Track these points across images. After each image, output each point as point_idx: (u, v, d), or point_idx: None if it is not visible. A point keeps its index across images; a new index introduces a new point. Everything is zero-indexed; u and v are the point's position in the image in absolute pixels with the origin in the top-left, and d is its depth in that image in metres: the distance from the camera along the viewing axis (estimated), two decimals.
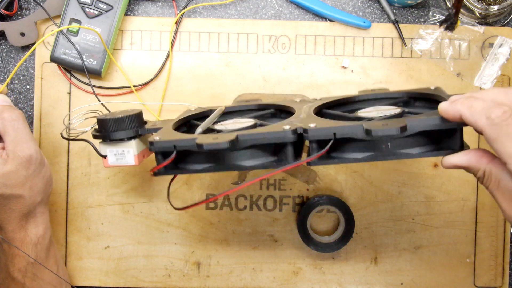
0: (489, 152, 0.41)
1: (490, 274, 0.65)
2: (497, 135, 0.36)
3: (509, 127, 0.36)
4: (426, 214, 0.65)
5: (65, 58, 0.62)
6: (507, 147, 0.36)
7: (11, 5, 0.65)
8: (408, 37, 0.65)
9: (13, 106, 0.55)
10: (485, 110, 0.37)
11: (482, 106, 0.38)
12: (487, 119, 0.37)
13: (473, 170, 0.41)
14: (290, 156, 0.46)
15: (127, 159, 0.52)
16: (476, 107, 0.38)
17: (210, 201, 0.49)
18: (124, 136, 0.51)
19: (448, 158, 0.42)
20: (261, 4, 0.66)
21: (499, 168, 0.39)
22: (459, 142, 0.43)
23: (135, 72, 0.65)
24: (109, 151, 0.52)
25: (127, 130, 0.51)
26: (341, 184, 0.65)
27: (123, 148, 0.52)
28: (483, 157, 0.40)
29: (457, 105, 0.39)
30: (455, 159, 0.42)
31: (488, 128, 0.37)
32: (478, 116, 0.38)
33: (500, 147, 0.36)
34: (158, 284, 0.65)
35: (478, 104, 0.38)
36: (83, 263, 0.65)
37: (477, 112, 0.38)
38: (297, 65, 0.65)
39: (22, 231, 0.54)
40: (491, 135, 0.37)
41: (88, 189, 0.65)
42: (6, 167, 0.51)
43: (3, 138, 0.53)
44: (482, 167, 0.40)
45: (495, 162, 0.40)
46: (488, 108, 0.37)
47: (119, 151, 0.52)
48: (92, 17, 0.62)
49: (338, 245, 0.63)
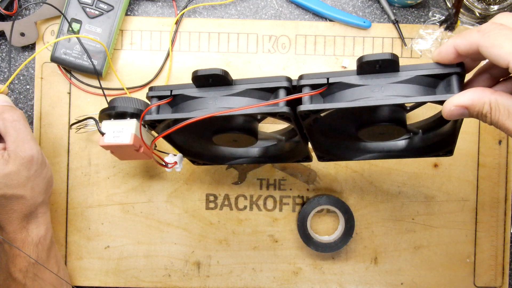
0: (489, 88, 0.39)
1: (490, 274, 0.65)
2: (492, 40, 0.36)
3: (502, 30, 0.36)
4: (426, 214, 0.65)
5: (66, 58, 0.62)
6: (506, 47, 0.35)
7: (11, 5, 0.65)
8: (408, 37, 0.65)
9: (14, 107, 0.55)
10: (476, 28, 0.38)
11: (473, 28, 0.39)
12: (479, 32, 0.37)
13: (477, 106, 0.38)
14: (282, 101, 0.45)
15: (123, 137, 0.52)
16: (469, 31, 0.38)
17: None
18: (128, 110, 0.53)
19: (449, 101, 0.39)
20: (261, 4, 0.66)
21: (505, 96, 0.37)
22: (458, 87, 0.41)
23: (135, 72, 0.65)
24: (109, 128, 0.53)
25: (132, 106, 0.53)
26: (341, 184, 0.65)
27: (123, 126, 0.53)
28: (485, 91, 0.38)
29: (448, 41, 0.40)
30: (456, 100, 0.38)
31: (482, 38, 0.36)
32: (469, 35, 0.38)
33: (498, 50, 0.35)
34: (158, 284, 0.65)
35: (469, 30, 0.39)
36: (83, 263, 0.65)
37: (468, 32, 0.38)
38: (297, 65, 0.65)
39: (23, 231, 0.54)
40: (486, 42, 0.36)
41: (88, 189, 0.65)
42: (7, 168, 0.51)
43: (4, 138, 0.53)
44: (487, 99, 0.37)
45: (499, 92, 0.37)
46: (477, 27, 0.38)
47: (118, 128, 0.53)
48: (93, 17, 0.62)
49: (338, 245, 0.63)
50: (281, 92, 0.45)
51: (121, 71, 0.65)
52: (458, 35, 0.39)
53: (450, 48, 0.39)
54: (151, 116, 0.48)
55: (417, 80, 0.42)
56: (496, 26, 0.36)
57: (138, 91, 0.65)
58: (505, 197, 0.65)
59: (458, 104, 0.38)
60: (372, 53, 0.41)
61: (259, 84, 0.45)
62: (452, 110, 0.38)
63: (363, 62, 0.42)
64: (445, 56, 0.40)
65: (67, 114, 0.65)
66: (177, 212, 0.65)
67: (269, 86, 0.45)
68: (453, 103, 0.38)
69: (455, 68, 0.41)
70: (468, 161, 0.65)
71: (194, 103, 0.47)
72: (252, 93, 0.46)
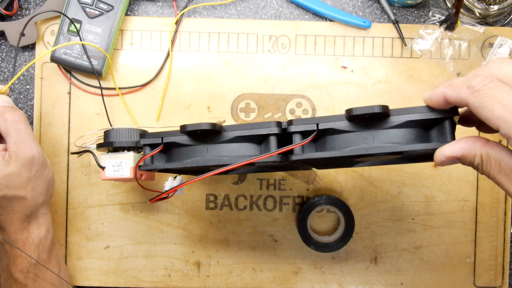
0: (481, 137, 0.38)
1: (490, 274, 0.65)
2: (481, 101, 0.34)
3: (492, 90, 0.34)
4: (426, 214, 0.65)
5: (66, 58, 0.62)
6: (495, 110, 0.33)
7: (11, 5, 0.65)
8: (408, 37, 0.65)
9: (15, 107, 0.55)
10: (465, 81, 0.36)
11: (461, 79, 0.37)
12: (468, 88, 0.35)
13: (469, 158, 0.37)
14: (273, 148, 0.45)
15: (123, 171, 0.54)
16: (457, 82, 0.37)
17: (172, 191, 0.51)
18: (124, 145, 0.54)
19: (440, 151, 0.38)
20: (261, 4, 0.66)
21: (497, 148, 0.36)
22: (450, 133, 0.40)
23: (135, 72, 0.65)
24: (108, 162, 0.55)
25: (127, 140, 0.55)
26: (341, 184, 0.65)
27: (121, 160, 0.54)
28: (476, 142, 0.37)
29: (438, 88, 0.38)
30: (447, 150, 0.38)
31: (471, 97, 0.35)
32: (459, 89, 0.36)
33: (487, 113, 0.34)
34: (158, 284, 0.65)
35: (458, 79, 0.37)
36: (83, 263, 0.65)
37: (458, 85, 0.36)
38: (297, 65, 0.65)
39: (24, 232, 0.54)
40: (475, 103, 0.35)
41: (88, 189, 0.65)
42: (8, 169, 0.51)
43: (5, 139, 0.53)
44: (478, 152, 0.37)
45: (490, 144, 0.36)
46: (467, 79, 0.36)
47: (117, 163, 0.54)
48: (93, 17, 0.62)
49: (338, 245, 0.63)
50: (272, 140, 0.45)
51: (121, 71, 0.65)
52: (448, 83, 0.37)
53: (440, 96, 0.38)
54: (147, 167, 0.49)
55: (409, 124, 0.41)
56: (487, 83, 0.34)
57: (138, 91, 0.65)
58: (505, 197, 0.65)
59: (449, 156, 0.38)
60: (360, 107, 0.40)
61: (249, 131, 0.45)
62: (443, 160, 0.38)
63: (351, 115, 0.41)
64: (436, 102, 0.39)
65: (67, 114, 0.65)
66: (177, 212, 0.65)
67: (259, 133, 0.45)
68: (444, 154, 0.38)
69: (448, 113, 0.40)
70: None
71: (187, 151, 0.48)
72: (243, 139, 0.46)
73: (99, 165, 0.55)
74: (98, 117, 0.65)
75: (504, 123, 0.33)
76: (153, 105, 0.65)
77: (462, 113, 0.43)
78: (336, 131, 0.43)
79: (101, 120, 0.65)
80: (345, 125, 0.42)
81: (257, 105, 0.65)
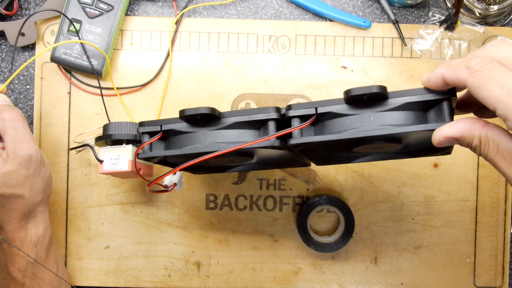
0: (481, 119, 0.38)
1: (490, 274, 0.65)
2: (480, 82, 0.34)
3: (491, 71, 0.34)
4: (426, 214, 0.65)
5: (66, 58, 0.62)
6: (493, 91, 0.34)
7: (11, 5, 0.65)
8: (408, 37, 0.65)
9: (13, 106, 0.55)
10: (464, 62, 0.36)
11: (460, 60, 0.37)
12: (467, 69, 0.35)
13: (467, 139, 0.37)
14: (272, 133, 0.44)
15: (121, 164, 0.54)
16: (455, 62, 0.37)
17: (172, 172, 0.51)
18: (123, 137, 0.54)
19: (439, 131, 0.38)
20: (261, 4, 0.67)
21: (495, 130, 0.36)
22: (448, 115, 0.40)
23: (135, 72, 0.65)
24: (106, 156, 0.54)
25: (126, 133, 0.54)
26: (341, 184, 0.65)
27: (120, 153, 0.54)
28: (475, 123, 0.37)
29: (437, 69, 0.38)
30: (446, 130, 0.38)
31: (469, 77, 0.35)
32: (457, 69, 0.36)
33: (485, 93, 0.34)
34: (158, 284, 0.65)
35: (457, 60, 0.37)
36: (83, 263, 0.65)
37: (456, 66, 0.37)
38: (297, 65, 0.65)
39: (22, 231, 0.54)
40: (473, 83, 0.35)
41: (88, 189, 0.65)
42: (6, 167, 0.51)
43: (3, 138, 0.53)
44: (477, 133, 0.36)
45: (490, 126, 0.36)
46: (466, 60, 0.36)
47: (115, 156, 0.54)
48: (93, 17, 0.62)
49: (338, 245, 0.63)
50: (271, 124, 0.45)
51: (121, 71, 0.65)
52: (447, 64, 0.38)
53: (439, 77, 0.38)
54: (145, 154, 0.49)
55: (407, 106, 0.41)
56: (486, 64, 0.35)
57: (138, 91, 0.65)
58: (505, 197, 0.65)
59: (447, 136, 0.38)
60: (358, 87, 0.41)
61: (248, 117, 0.45)
62: (441, 140, 0.38)
63: (350, 96, 0.41)
64: (434, 84, 0.39)
65: (67, 114, 0.65)
66: (177, 212, 0.65)
67: (258, 118, 0.45)
68: (442, 134, 0.38)
69: (446, 95, 0.40)
70: (468, 161, 0.65)
71: (186, 138, 0.48)
72: (242, 125, 0.46)
73: (97, 159, 0.54)
74: (98, 117, 0.65)
75: (502, 104, 0.33)
76: (153, 105, 0.65)
77: (461, 97, 0.43)
78: (335, 115, 0.43)
79: (101, 120, 0.65)
80: (343, 108, 0.42)
81: (257, 105, 0.65)
